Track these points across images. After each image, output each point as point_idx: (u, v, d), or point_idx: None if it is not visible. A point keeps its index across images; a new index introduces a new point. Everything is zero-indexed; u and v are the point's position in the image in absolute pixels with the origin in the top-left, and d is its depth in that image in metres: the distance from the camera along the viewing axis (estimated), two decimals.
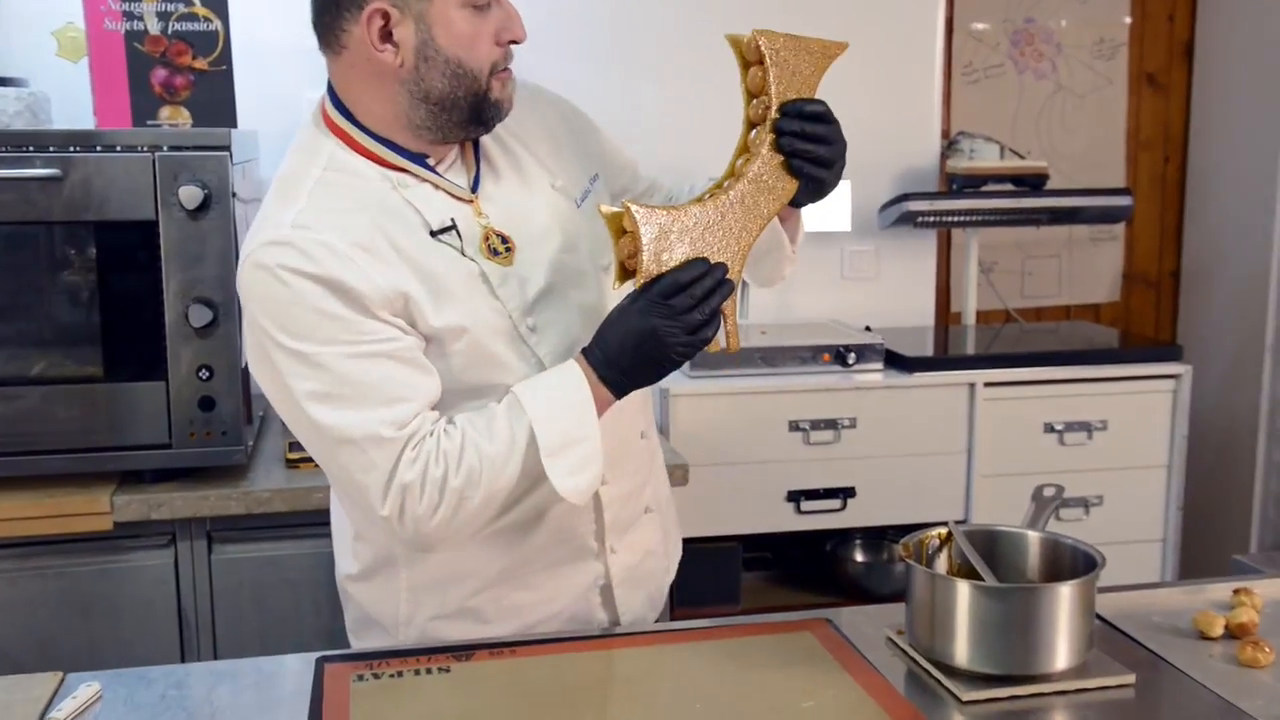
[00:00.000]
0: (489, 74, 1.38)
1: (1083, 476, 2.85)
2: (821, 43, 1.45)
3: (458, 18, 1.34)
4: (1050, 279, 3.51)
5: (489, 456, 1.34)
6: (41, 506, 2.05)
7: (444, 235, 1.40)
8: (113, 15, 2.22)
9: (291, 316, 1.32)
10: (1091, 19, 3.42)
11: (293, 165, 1.42)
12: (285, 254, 1.31)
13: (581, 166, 1.57)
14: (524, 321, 1.43)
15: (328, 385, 1.32)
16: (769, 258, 1.58)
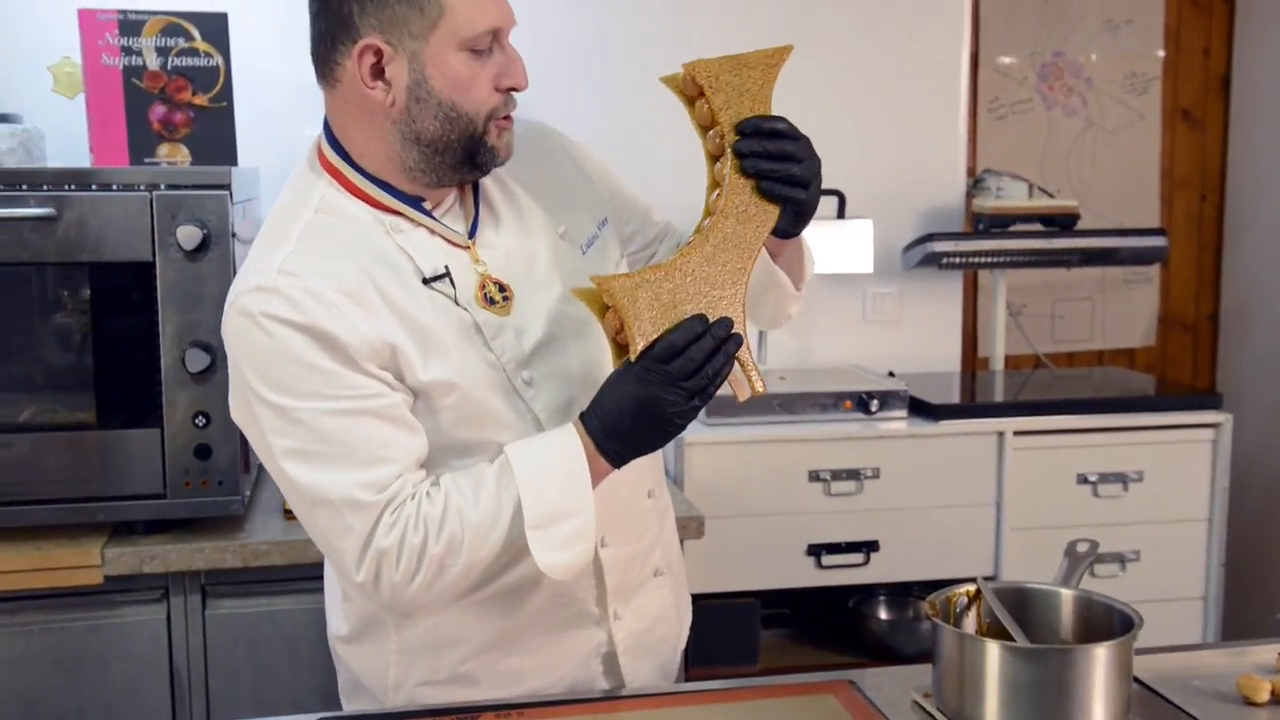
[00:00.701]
0: (485, 119, 1.37)
1: (1118, 530, 2.84)
2: (763, 54, 1.42)
3: (454, 60, 1.34)
4: (1082, 323, 3.51)
5: (472, 525, 1.32)
6: (29, 559, 2.06)
7: (436, 283, 1.40)
8: (111, 50, 2.26)
9: (273, 367, 1.31)
10: (1123, 53, 3.45)
11: (284, 206, 1.44)
12: (269, 301, 1.31)
13: (589, 211, 1.57)
14: (519, 375, 1.42)
15: (306, 443, 1.32)
16: (768, 297, 1.56)
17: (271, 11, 2.75)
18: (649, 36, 2.98)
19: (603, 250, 1.56)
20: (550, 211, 1.52)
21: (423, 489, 1.35)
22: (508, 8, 1.39)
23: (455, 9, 1.32)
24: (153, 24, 2.27)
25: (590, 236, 1.55)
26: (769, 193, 1.38)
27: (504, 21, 1.37)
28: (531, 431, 1.42)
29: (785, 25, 3.04)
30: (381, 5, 1.32)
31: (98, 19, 2.26)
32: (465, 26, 1.33)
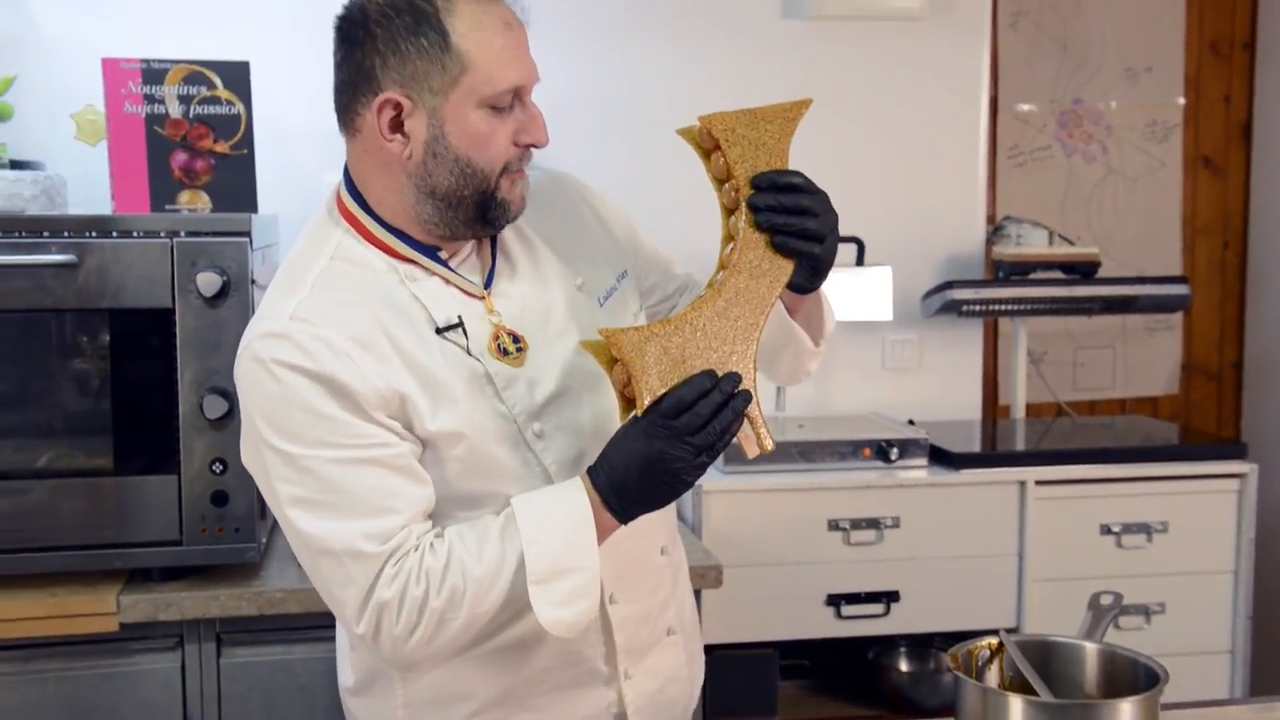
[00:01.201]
0: (499, 174, 1.38)
1: (1143, 582, 2.82)
2: (781, 107, 1.42)
3: (474, 117, 1.35)
4: (1104, 370, 3.51)
5: (475, 578, 1.32)
6: (44, 606, 2.07)
7: (449, 333, 1.40)
8: (134, 98, 2.30)
9: (282, 414, 1.32)
10: (1143, 100, 3.47)
11: (300, 252, 1.45)
12: (280, 348, 1.32)
13: (608, 263, 1.57)
14: (530, 427, 1.42)
15: (311, 491, 1.32)
16: (785, 353, 1.55)
17: (293, 60, 2.79)
18: (671, 88, 3.01)
19: (621, 302, 1.56)
20: (568, 263, 1.53)
21: (426, 541, 1.34)
22: (531, 66, 1.39)
23: (477, 67, 1.33)
24: (175, 73, 2.31)
25: (609, 288, 1.55)
26: (782, 247, 1.37)
27: (526, 80, 1.38)
28: (541, 484, 1.41)
29: (805, 72, 3.07)
30: (404, 60, 1.33)
31: (121, 67, 2.29)
32: (486, 84, 1.34)
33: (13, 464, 2.12)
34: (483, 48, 1.33)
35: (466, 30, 1.33)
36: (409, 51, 1.33)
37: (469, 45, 1.33)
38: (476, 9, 1.34)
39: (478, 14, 1.34)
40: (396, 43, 1.33)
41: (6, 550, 2.10)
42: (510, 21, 1.37)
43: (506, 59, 1.35)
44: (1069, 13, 3.41)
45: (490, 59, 1.34)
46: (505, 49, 1.35)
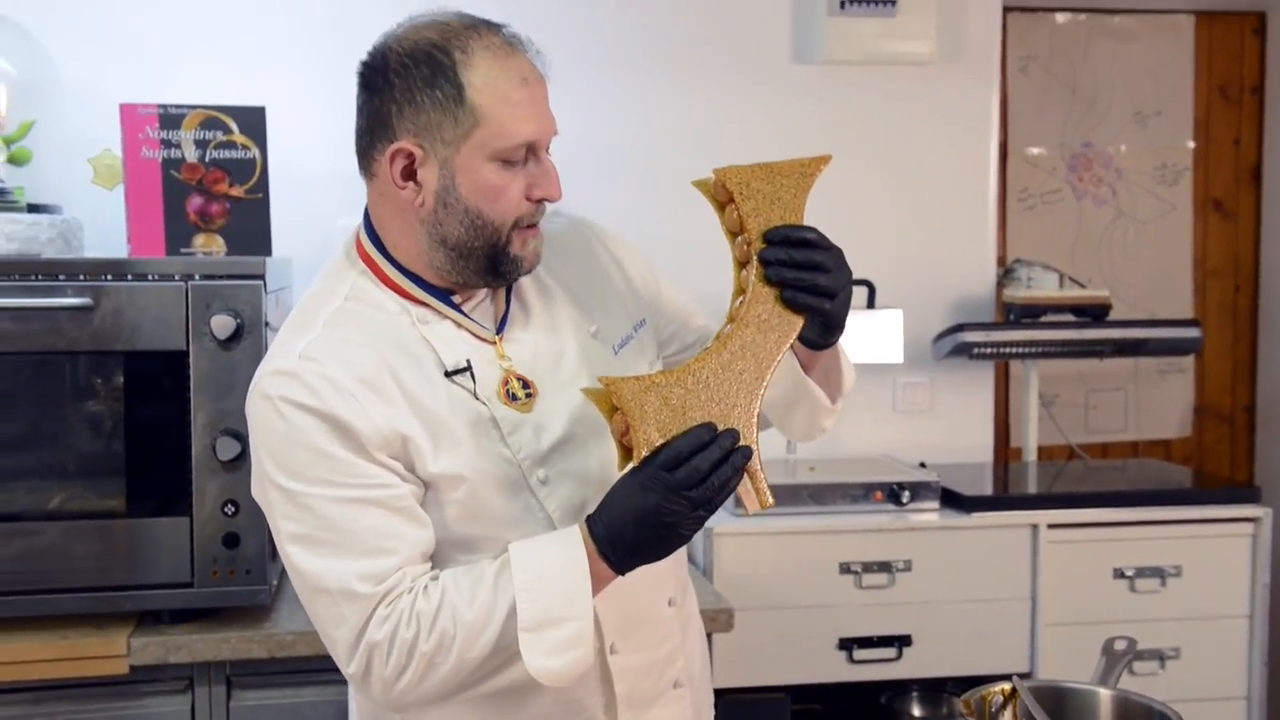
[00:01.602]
0: (510, 228, 1.39)
1: (1157, 627, 2.80)
2: (798, 163, 1.41)
3: (486, 170, 1.35)
4: (1116, 413, 3.50)
5: (465, 623, 1.32)
6: (54, 648, 2.07)
7: (457, 376, 1.41)
8: (150, 143, 2.32)
9: (286, 451, 1.34)
10: (1152, 144, 3.48)
11: (316, 292, 1.47)
12: (288, 385, 1.34)
13: (626, 311, 1.57)
14: (535, 473, 1.42)
15: (311, 529, 1.34)
16: (799, 409, 1.54)
17: (308, 106, 2.82)
18: (682, 132, 3.04)
19: (638, 350, 1.56)
20: (584, 310, 1.53)
21: (421, 583, 1.34)
22: (547, 121, 1.39)
23: (490, 121, 1.34)
24: (192, 118, 2.33)
25: (624, 336, 1.55)
26: (792, 302, 1.36)
27: (541, 135, 1.38)
28: (542, 531, 1.41)
29: (816, 117, 3.09)
30: (418, 110, 1.35)
31: (139, 113, 2.32)
32: (498, 139, 1.34)
33: (25, 505, 2.13)
34: (497, 102, 1.34)
35: (481, 84, 1.34)
36: (424, 102, 1.34)
37: (483, 99, 1.33)
38: (494, 63, 1.35)
39: (494, 68, 1.34)
40: (412, 93, 1.35)
41: (18, 592, 2.11)
42: (528, 76, 1.37)
43: (521, 114, 1.35)
44: (1078, 57, 3.43)
45: (504, 113, 1.34)
46: (520, 104, 1.35)
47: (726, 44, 3.06)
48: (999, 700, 1.45)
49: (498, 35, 1.37)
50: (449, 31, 1.36)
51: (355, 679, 1.35)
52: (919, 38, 3.04)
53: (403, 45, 1.36)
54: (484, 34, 1.36)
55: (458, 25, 1.37)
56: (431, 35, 1.36)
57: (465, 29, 1.36)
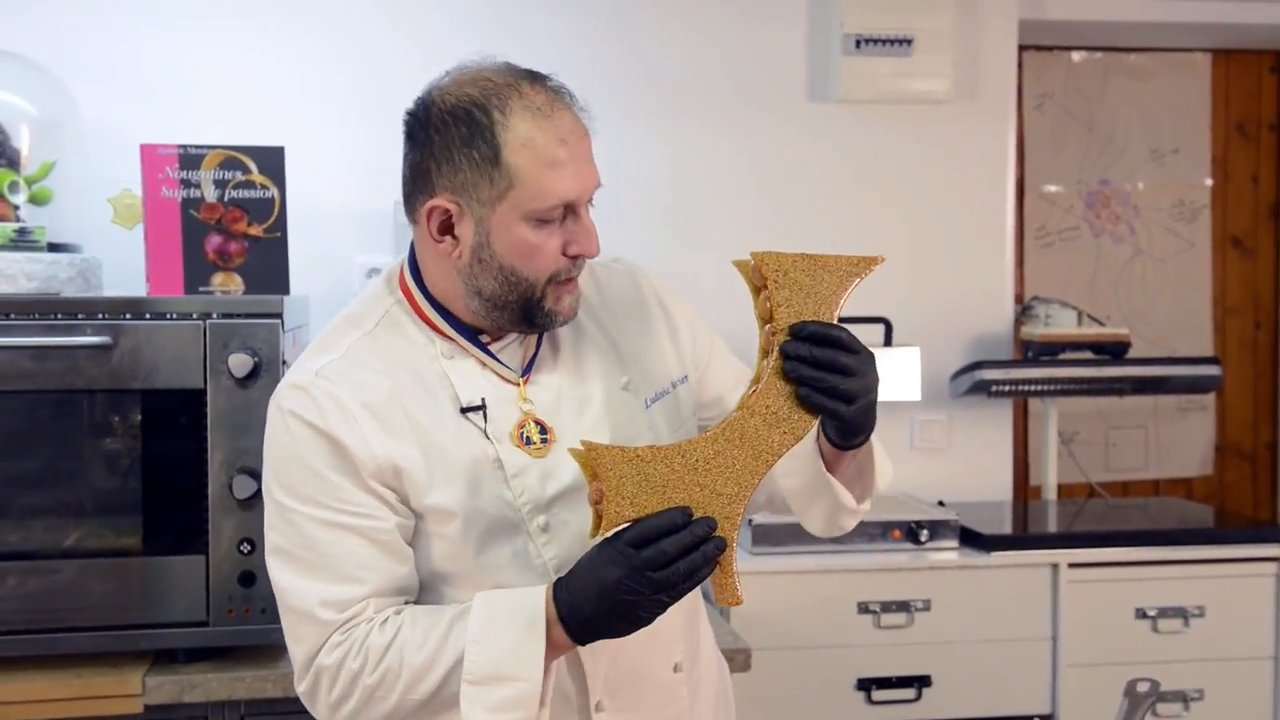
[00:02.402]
0: (545, 283, 1.38)
1: (1180, 668, 2.78)
2: (845, 260, 1.34)
3: (520, 229, 1.35)
4: (1136, 451, 3.49)
5: (412, 665, 1.32)
6: (69, 687, 2.07)
7: (471, 414, 1.42)
8: (170, 183, 2.34)
9: (285, 465, 1.39)
10: (1169, 181, 3.48)
11: (350, 314, 1.49)
12: (299, 400, 1.38)
13: (665, 365, 1.55)
14: (535, 519, 1.42)
15: (291, 544, 1.38)
16: (818, 504, 1.51)
17: (326, 145, 2.85)
18: (696, 171, 3.05)
19: (673, 407, 1.54)
20: (619, 359, 1.52)
21: (381, 617, 1.36)
22: (588, 178, 1.38)
23: (524, 183, 1.33)
24: (211, 158, 2.35)
25: (659, 392, 1.53)
26: (806, 400, 1.30)
27: (580, 194, 1.37)
28: (538, 580, 1.40)
29: (832, 155, 3.10)
30: (455, 169, 1.35)
31: (159, 153, 2.34)
32: (533, 200, 1.34)
33: (42, 543, 2.14)
34: (533, 164, 1.33)
35: (519, 145, 1.33)
36: (460, 162, 1.34)
37: (519, 161, 1.33)
38: (532, 123, 1.33)
39: (533, 130, 1.33)
40: (450, 151, 1.35)
41: (33, 630, 2.11)
42: (568, 135, 1.35)
43: (557, 175, 1.34)
44: (1094, 95, 3.44)
45: (540, 175, 1.33)
46: (557, 165, 1.34)
47: (742, 83, 3.08)
48: None
49: (541, 92, 1.36)
50: (490, 89, 1.34)
51: (304, 697, 1.40)
52: (935, 76, 3.05)
53: (445, 100, 1.36)
54: (526, 91, 1.35)
55: (500, 81, 1.35)
56: (473, 92, 1.35)
57: (507, 85, 1.35)
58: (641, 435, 1.48)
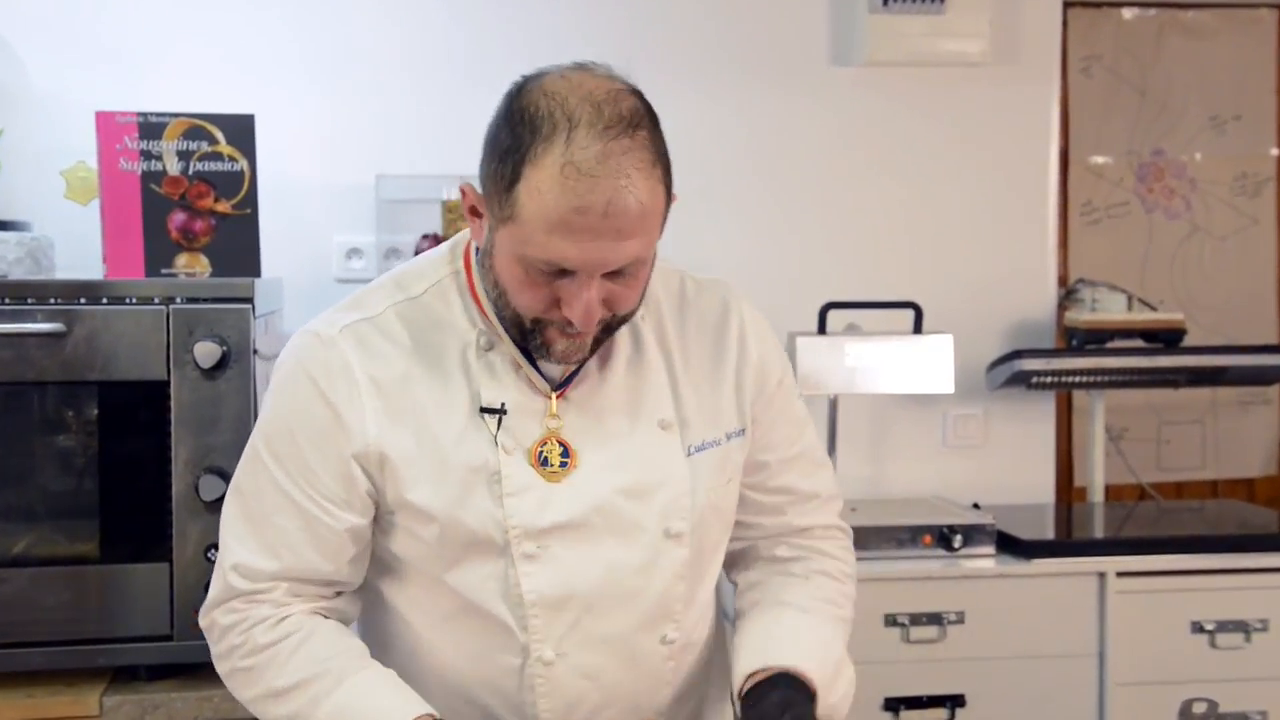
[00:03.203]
0: (533, 321, 1.38)
1: (1240, 687, 2.77)
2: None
3: (512, 262, 1.35)
4: (1192, 449, 3.48)
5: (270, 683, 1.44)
6: (18, 708, 2.07)
7: (487, 416, 1.43)
8: (129, 154, 2.34)
9: (276, 416, 1.46)
10: (1230, 152, 3.47)
11: (402, 274, 1.51)
12: (314, 353, 1.44)
13: (722, 415, 1.53)
14: (522, 545, 1.42)
15: (247, 488, 1.47)
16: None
17: (300, 114, 2.85)
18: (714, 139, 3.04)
19: (720, 461, 1.52)
20: (673, 394, 1.51)
21: (280, 612, 1.45)
22: (600, 255, 1.31)
23: (523, 224, 1.31)
24: (174, 127, 2.35)
25: (708, 441, 1.51)
26: None
27: (579, 267, 1.32)
28: (509, 614, 1.43)
29: (855, 124, 3.10)
30: (487, 167, 1.35)
31: (116, 121, 2.34)
32: (525, 246, 1.32)
33: None
34: (537, 215, 1.29)
35: (533, 189, 1.29)
36: (489, 167, 1.35)
37: (527, 203, 1.30)
38: (556, 179, 1.28)
39: (552, 184, 1.28)
40: (493, 147, 1.34)
41: None
42: (591, 206, 1.28)
43: (555, 239, 1.30)
44: (1147, 57, 3.43)
45: (538, 228, 1.30)
46: (561, 229, 1.29)
47: (758, 46, 3.08)
48: None
49: (597, 146, 1.28)
50: (553, 115, 1.29)
51: (203, 630, 1.51)
52: (970, 36, 3.04)
53: (526, 96, 1.33)
54: (579, 139, 1.28)
55: (566, 113, 1.29)
56: (542, 105, 1.30)
57: (566, 121, 1.29)
58: (670, 482, 1.47)
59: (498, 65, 2.91)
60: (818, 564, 1.62)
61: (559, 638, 1.44)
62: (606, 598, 1.44)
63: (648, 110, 1.36)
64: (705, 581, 1.56)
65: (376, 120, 2.90)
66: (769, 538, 1.64)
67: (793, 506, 1.62)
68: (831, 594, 1.60)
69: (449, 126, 2.90)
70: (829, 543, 1.64)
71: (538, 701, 1.45)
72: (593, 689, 1.46)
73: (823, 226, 3.10)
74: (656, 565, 1.47)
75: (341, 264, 2.89)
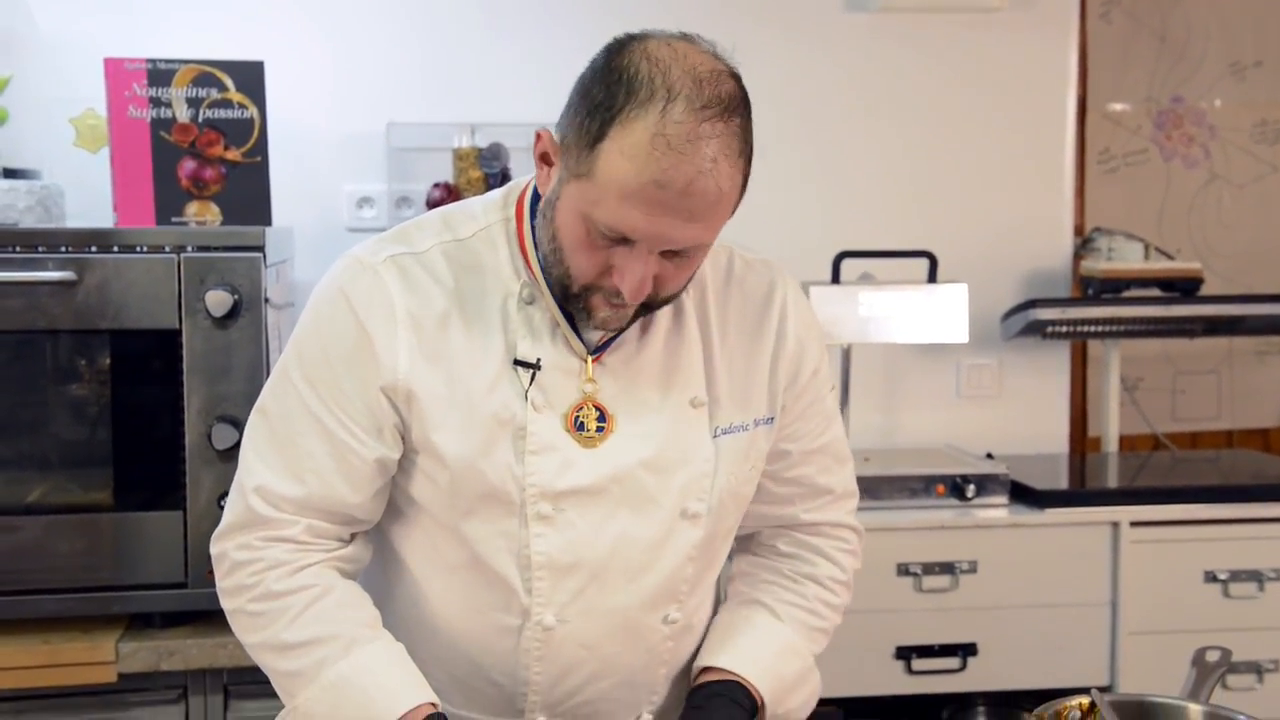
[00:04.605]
0: (583, 287, 1.36)
1: (1253, 637, 2.78)
2: None
3: (576, 219, 1.33)
4: (1207, 399, 3.47)
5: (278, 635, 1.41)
6: (36, 654, 2.09)
7: (521, 369, 1.41)
8: (138, 102, 2.33)
9: (312, 336, 1.44)
10: (1250, 98, 3.44)
11: (451, 213, 1.50)
12: (357, 278, 1.42)
13: (751, 401, 1.52)
14: (537, 505, 1.41)
15: (275, 409, 1.44)
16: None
17: (310, 61, 2.83)
18: None
19: (744, 447, 1.51)
20: (708, 373, 1.50)
21: (297, 562, 1.42)
22: (667, 232, 1.30)
23: (597, 184, 1.29)
24: (184, 74, 2.34)
25: (734, 425, 1.50)
26: None
27: (642, 237, 1.30)
28: (516, 575, 1.43)
29: (870, 71, 3.07)
30: (572, 118, 1.32)
31: (125, 68, 2.33)
32: (594, 207, 1.30)
33: (3, 499, 2.15)
34: (614, 178, 1.28)
35: (617, 152, 1.27)
36: (577, 115, 1.31)
37: (608, 164, 1.28)
38: (644, 147, 1.26)
39: (639, 151, 1.26)
40: (582, 99, 1.31)
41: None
42: (672, 183, 1.26)
43: (627, 208, 1.28)
44: (1167, 3, 3.39)
45: (611, 192, 1.28)
46: (636, 199, 1.27)
47: None
48: (1076, 715, 1.44)
49: (691, 124, 1.26)
50: (652, 81, 1.28)
51: (212, 556, 1.47)
52: None
53: (627, 56, 1.31)
54: (674, 113, 1.26)
55: (666, 83, 1.27)
56: (644, 70, 1.28)
57: (664, 91, 1.27)
58: (694, 461, 1.47)
59: (509, 10, 2.93)
60: (810, 567, 1.62)
61: (562, 604, 1.44)
62: (614, 570, 1.44)
63: (744, 98, 1.34)
64: (714, 566, 1.57)
65: (387, 67, 2.88)
66: (773, 528, 1.64)
67: (802, 500, 1.61)
68: (814, 602, 1.61)
69: (460, 73, 2.89)
70: (833, 543, 1.64)
71: (531, 665, 1.46)
72: (589, 659, 1.46)
73: (837, 175, 3.08)
74: (669, 544, 1.47)
75: (352, 213, 2.88)
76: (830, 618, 1.63)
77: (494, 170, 2.72)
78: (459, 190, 2.72)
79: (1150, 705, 1.44)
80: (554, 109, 1.38)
